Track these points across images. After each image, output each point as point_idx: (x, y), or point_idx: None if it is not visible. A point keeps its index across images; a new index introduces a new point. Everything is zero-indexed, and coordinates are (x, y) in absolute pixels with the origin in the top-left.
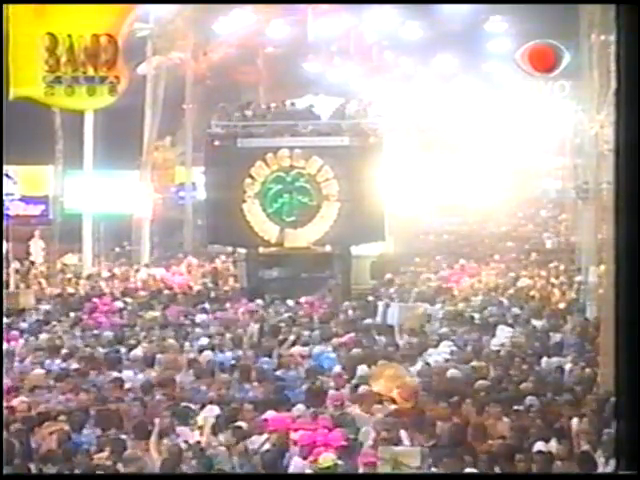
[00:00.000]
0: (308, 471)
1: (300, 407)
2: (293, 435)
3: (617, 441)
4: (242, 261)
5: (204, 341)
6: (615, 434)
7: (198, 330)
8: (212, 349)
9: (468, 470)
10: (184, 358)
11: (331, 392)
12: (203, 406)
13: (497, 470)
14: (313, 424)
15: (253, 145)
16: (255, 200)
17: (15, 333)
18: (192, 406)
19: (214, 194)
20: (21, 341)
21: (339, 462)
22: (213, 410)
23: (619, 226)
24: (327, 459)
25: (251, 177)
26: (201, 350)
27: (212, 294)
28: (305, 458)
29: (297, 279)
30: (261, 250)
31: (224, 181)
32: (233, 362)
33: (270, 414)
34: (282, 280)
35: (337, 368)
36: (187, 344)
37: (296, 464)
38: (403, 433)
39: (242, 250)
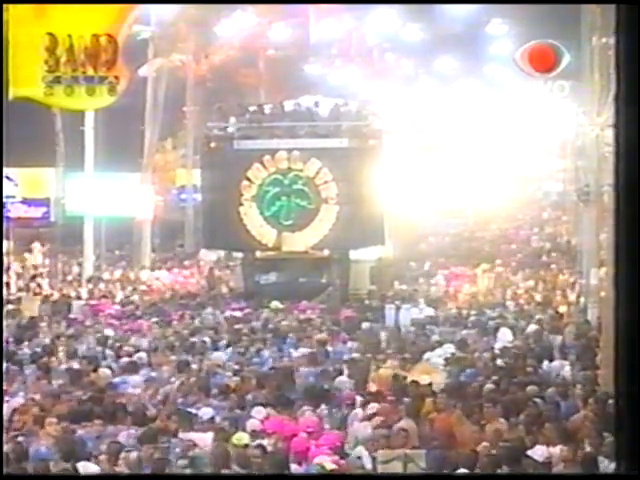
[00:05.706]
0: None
1: (304, 408)
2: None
3: (617, 442)
4: (239, 265)
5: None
6: (616, 435)
7: (199, 331)
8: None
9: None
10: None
11: (347, 392)
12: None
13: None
14: (310, 426)
15: (250, 147)
16: (252, 203)
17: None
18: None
19: (210, 197)
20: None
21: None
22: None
23: (620, 228)
24: (321, 461)
25: (248, 180)
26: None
27: (210, 297)
28: (300, 464)
29: (295, 284)
30: (258, 254)
31: (220, 184)
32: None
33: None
34: (280, 285)
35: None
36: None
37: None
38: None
39: (239, 254)
